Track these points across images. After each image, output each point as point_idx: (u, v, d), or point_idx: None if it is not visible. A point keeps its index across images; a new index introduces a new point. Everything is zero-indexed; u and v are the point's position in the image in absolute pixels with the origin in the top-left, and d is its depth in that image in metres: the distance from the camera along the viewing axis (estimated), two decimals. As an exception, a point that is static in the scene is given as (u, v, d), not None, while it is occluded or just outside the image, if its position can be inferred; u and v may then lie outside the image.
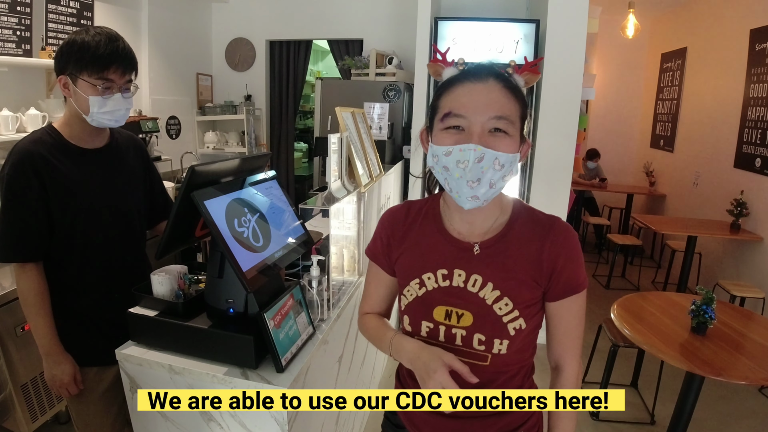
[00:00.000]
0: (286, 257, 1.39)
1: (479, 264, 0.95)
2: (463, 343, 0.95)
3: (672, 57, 5.29)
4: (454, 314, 0.95)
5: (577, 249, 0.95)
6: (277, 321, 1.29)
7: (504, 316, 0.93)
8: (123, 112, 1.39)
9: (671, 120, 5.23)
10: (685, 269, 3.80)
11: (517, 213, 0.98)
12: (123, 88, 1.38)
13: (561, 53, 3.06)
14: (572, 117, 3.17)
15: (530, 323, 0.95)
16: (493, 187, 0.88)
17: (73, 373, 1.45)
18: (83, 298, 1.47)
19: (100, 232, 1.45)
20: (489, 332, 0.93)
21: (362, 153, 2.15)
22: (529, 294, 0.94)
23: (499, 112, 0.85)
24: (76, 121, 1.39)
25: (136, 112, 3.77)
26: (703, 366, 1.68)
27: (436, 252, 0.98)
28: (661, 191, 5.35)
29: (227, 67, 4.76)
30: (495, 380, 0.98)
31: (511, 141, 0.87)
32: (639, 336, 1.90)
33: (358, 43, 4.36)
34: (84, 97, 1.32)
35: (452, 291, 0.95)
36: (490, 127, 0.86)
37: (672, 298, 2.33)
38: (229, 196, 1.25)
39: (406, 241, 1.03)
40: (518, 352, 0.97)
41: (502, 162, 0.86)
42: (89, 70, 1.30)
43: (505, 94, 0.87)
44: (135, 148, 1.59)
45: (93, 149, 1.45)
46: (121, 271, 1.52)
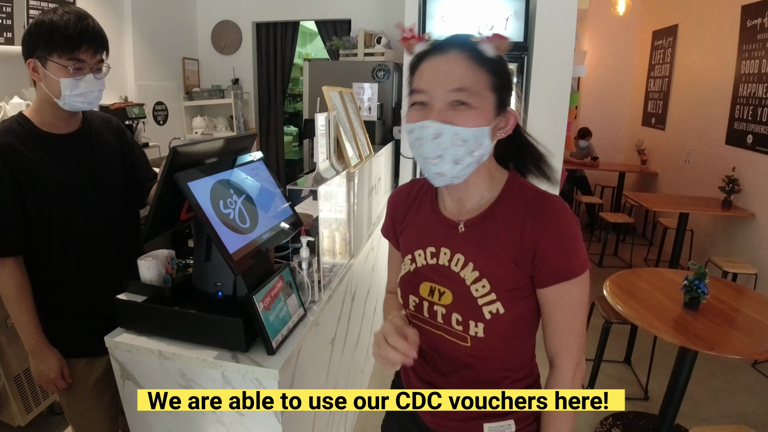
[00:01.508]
0: (275, 239, 1.36)
1: (463, 243, 0.92)
2: (443, 321, 0.93)
3: (663, 34, 5.25)
4: (436, 291, 0.94)
5: (566, 229, 0.85)
6: (267, 303, 1.27)
7: (479, 298, 0.88)
8: (96, 94, 1.34)
9: (663, 98, 5.21)
10: (676, 246, 3.82)
11: (508, 189, 0.92)
12: (95, 68, 1.32)
13: (551, 30, 3.02)
14: (563, 94, 3.14)
15: (512, 309, 0.88)
16: (459, 164, 0.83)
17: (59, 367, 1.42)
18: (67, 290, 1.44)
19: (80, 220, 1.40)
20: (465, 313, 0.90)
21: (351, 133, 2.11)
22: (509, 277, 0.88)
23: (458, 84, 0.81)
24: (47, 106, 1.33)
25: (122, 98, 3.69)
26: (696, 341, 1.68)
27: (428, 230, 0.98)
28: (653, 169, 5.36)
29: (213, 51, 4.67)
30: (481, 364, 0.95)
31: (475, 114, 0.82)
32: (632, 312, 1.90)
33: (346, 24, 4.29)
34: (55, 79, 1.26)
35: (438, 268, 0.94)
36: (450, 99, 0.81)
37: (664, 274, 2.33)
38: (213, 178, 1.22)
39: (406, 218, 1.04)
40: (501, 339, 0.90)
41: (464, 137, 0.81)
42: (59, 52, 1.24)
43: (467, 64, 0.82)
44: (111, 129, 1.52)
45: (65, 134, 1.39)
46: (105, 260, 1.47)
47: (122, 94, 3.71)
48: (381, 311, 2.14)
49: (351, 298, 2.04)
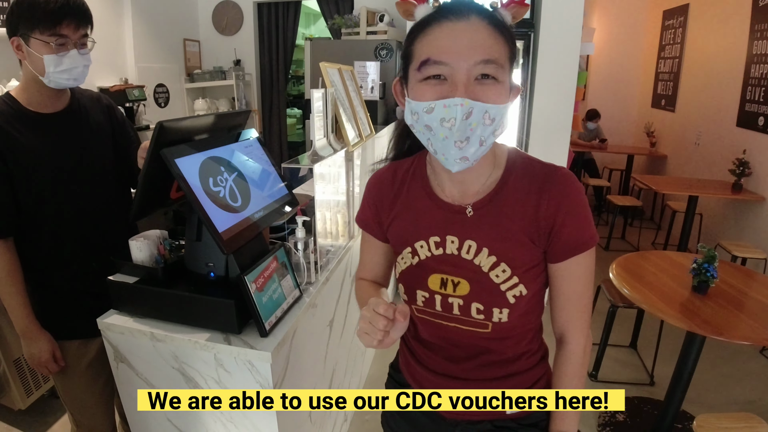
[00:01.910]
0: (268, 218, 1.32)
1: (472, 228, 0.85)
2: (461, 313, 0.87)
3: (674, 14, 5.10)
4: (449, 283, 0.87)
5: (579, 201, 0.82)
6: (260, 284, 1.23)
7: (502, 284, 0.83)
8: (81, 70, 1.31)
9: (673, 79, 5.08)
10: (685, 230, 3.75)
11: (512, 165, 0.86)
12: (79, 44, 1.29)
13: (559, 6, 2.92)
14: (571, 73, 3.04)
15: (532, 287, 0.84)
16: (483, 145, 0.76)
17: (51, 350, 1.41)
18: (59, 272, 1.42)
19: (70, 200, 1.38)
20: (487, 301, 0.85)
21: (351, 111, 2.06)
22: (528, 256, 0.83)
23: (486, 55, 0.71)
24: (33, 85, 1.31)
25: (122, 80, 3.65)
26: (703, 325, 1.63)
27: (427, 218, 0.89)
28: (662, 152, 5.25)
29: (215, 32, 4.60)
30: (499, 346, 0.91)
31: (502, 88, 0.74)
32: (638, 295, 1.85)
33: (348, 2, 4.19)
34: (38, 56, 1.24)
35: (446, 259, 0.87)
36: (477, 73, 0.72)
37: (672, 258, 2.28)
38: (203, 154, 1.17)
39: (396, 206, 0.94)
40: (522, 316, 0.87)
41: (492, 115, 0.73)
42: (41, 28, 1.22)
43: (491, 33, 0.73)
44: (100, 107, 1.49)
45: (53, 113, 1.36)
46: (97, 240, 1.45)
47: (122, 76, 3.66)
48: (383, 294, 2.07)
49: (351, 280, 2.01)
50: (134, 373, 1.35)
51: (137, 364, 1.33)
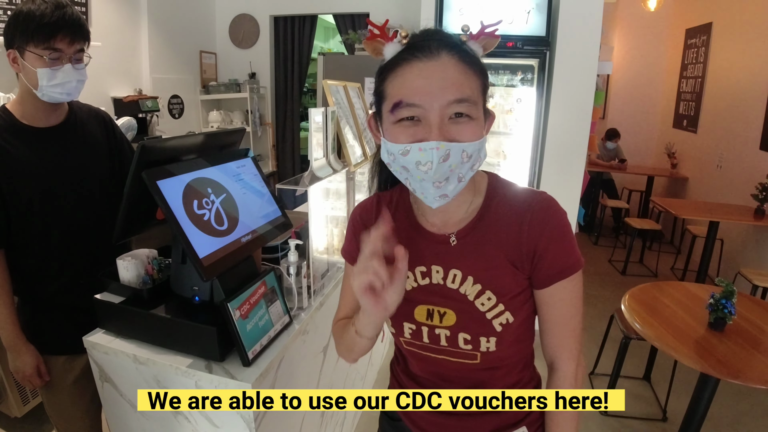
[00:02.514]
0: (258, 241, 1.28)
1: (457, 256, 0.84)
2: (448, 344, 0.85)
3: (697, 32, 4.98)
4: (436, 313, 0.85)
5: (561, 226, 0.80)
6: (245, 311, 1.18)
7: (488, 311, 0.82)
8: (75, 84, 1.30)
9: (695, 99, 4.94)
10: (705, 256, 3.60)
11: (492, 191, 0.85)
12: (74, 58, 1.28)
13: (576, 23, 2.86)
14: (587, 92, 2.97)
15: (519, 315, 0.82)
16: (462, 181, 0.75)
17: (35, 364, 1.39)
18: (47, 286, 1.40)
19: (60, 215, 1.36)
20: (474, 330, 0.83)
21: (356, 130, 2.02)
22: (513, 283, 0.82)
23: (459, 94, 0.71)
24: (28, 98, 1.31)
25: (136, 91, 3.68)
26: (718, 366, 1.53)
27: (412, 248, 0.84)
28: (683, 174, 5.10)
29: (231, 45, 4.64)
30: (491, 377, 0.89)
31: (476, 125, 0.73)
32: (650, 331, 1.75)
33: (364, 17, 4.18)
34: (32, 70, 1.24)
35: (432, 289, 0.85)
36: (451, 113, 0.71)
37: (689, 289, 2.16)
38: (188, 176, 1.14)
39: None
40: (511, 345, 0.85)
41: (470, 153, 0.72)
42: (35, 41, 1.22)
43: (462, 69, 0.72)
44: (98, 123, 1.48)
45: (48, 127, 1.36)
46: (86, 255, 1.43)
47: (137, 87, 3.70)
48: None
49: (349, 303, 1.95)
50: (118, 394, 1.32)
51: (121, 385, 1.30)
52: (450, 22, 2.98)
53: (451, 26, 2.99)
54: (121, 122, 3.18)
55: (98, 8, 3.25)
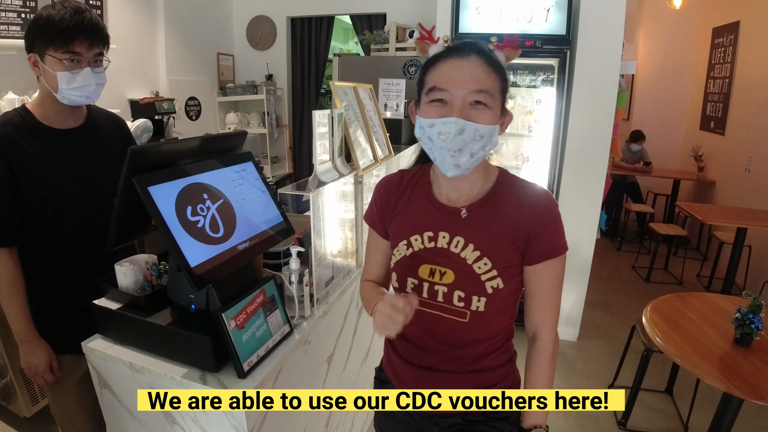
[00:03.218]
0: (256, 248, 1.24)
1: (464, 227, 0.99)
2: (444, 300, 1.00)
3: (724, 32, 4.79)
4: (437, 272, 1.00)
5: (555, 215, 0.98)
6: (241, 321, 1.15)
7: (482, 274, 0.97)
8: (93, 88, 1.33)
9: (722, 100, 4.75)
10: (732, 263, 3.44)
11: (502, 180, 1.03)
12: (92, 62, 1.32)
13: (597, 22, 2.76)
14: (609, 93, 2.86)
15: (508, 284, 0.98)
16: (474, 157, 0.93)
17: (48, 360, 1.41)
18: (55, 285, 1.43)
19: (72, 216, 1.39)
20: (468, 289, 0.98)
21: (366, 132, 1.97)
22: (508, 255, 0.97)
23: (479, 86, 0.90)
24: (48, 100, 1.34)
25: (153, 93, 3.71)
26: (743, 386, 1.43)
27: (425, 216, 1.04)
28: (711, 177, 4.91)
29: (248, 46, 4.65)
30: (476, 340, 1.03)
31: (491, 113, 0.91)
32: (672, 347, 1.65)
33: (381, 18, 4.14)
34: (52, 73, 1.27)
35: (437, 251, 1.00)
36: (471, 100, 0.90)
37: (715, 301, 2.05)
38: (183, 181, 1.10)
39: (398, 206, 1.09)
40: (497, 313, 1.00)
41: (482, 133, 0.91)
42: (55, 45, 1.25)
43: (485, 69, 0.91)
44: (114, 128, 1.53)
45: (67, 129, 1.39)
46: (95, 257, 1.44)
47: (154, 89, 3.72)
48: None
49: (358, 311, 1.90)
50: (116, 400, 1.31)
51: (119, 392, 1.29)
52: (467, 21, 2.91)
53: (468, 25, 2.92)
54: (136, 124, 3.20)
55: (115, 11, 3.29)
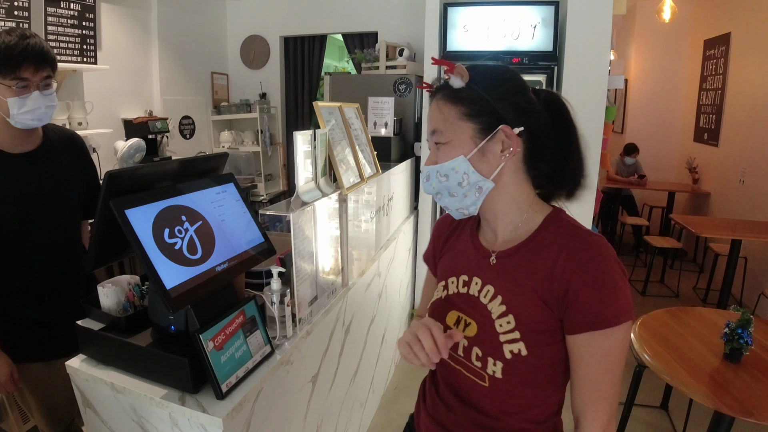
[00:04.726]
0: (236, 269, 1.24)
1: (494, 274, 0.87)
2: (464, 354, 0.87)
3: (715, 43, 4.84)
4: (462, 322, 0.89)
5: (603, 271, 0.76)
6: (219, 342, 1.14)
7: (502, 334, 0.82)
8: (44, 110, 1.37)
9: (716, 111, 4.78)
10: (728, 275, 3.43)
11: (548, 223, 0.86)
12: (41, 85, 1.35)
13: (584, 37, 2.79)
14: (598, 108, 2.89)
15: (535, 352, 0.80)
16: (454, 197, 0.86)
17: (9, 372, 1.44)
18: (15, 300, 1.47)
19: (28, 236, 1.44)
20: (485, 349, 0.84)
21: (351, 151, 1.98)
22: (538, 317, 0.80)
23: (431, 128, 0.87)
24: (1, 125, 1.36)
25: (146, 112, 3.74)
26: (732, 404, 1.41)
27: (464, 258, 0.95)
28: (705, 189, 4.92)
29: (242, 65, 4.69)
30: (502, 412, 0.86)
31: (449, 147, 0.84)
32: (660, 364, 1.64)
33: (372, 36, 4.19)
34: (2, 100, 1.31)
35: (467, 298, 0.90)
36: (433, 142, 0.87)
37: (706, 316, 2.04)
38: (161, 204, 1.11)
39: (446, 245, 1.03)
40: (524, 385, 0.82)
41: (443, 172, 0.85)
42: (2, 72, 1.29)
43: (439, 105, 0.86)
44: (71, 148, 1.56)
45: (21, 154, 1.42)
46: (52, 275, 1.51)
47: (147, 109, 3.75)
48: (390, 340, 2.26)
49: (344, 329, 1.89)
50: (100, 420, 1.30)
51: (102, 412, 1.28)
52: (455, 39, 2.95)
53: (456, 43, 2.96)
54: (129, 143, 3.22)
55: (108, 31, 3.33)
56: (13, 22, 2.58)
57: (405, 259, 3.08)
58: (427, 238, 3.30)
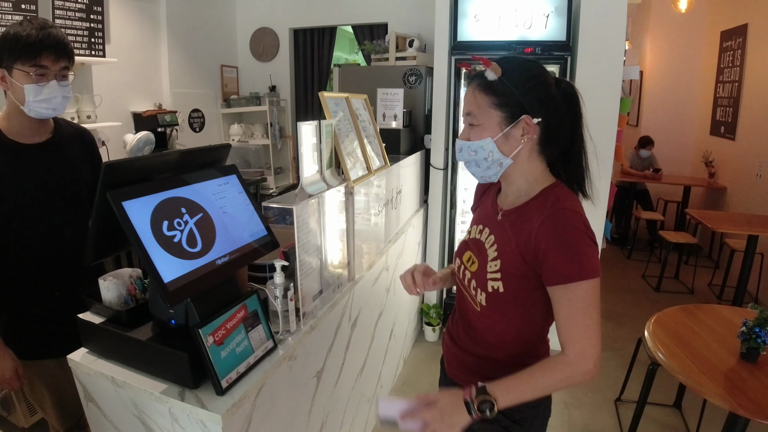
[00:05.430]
0: (237, 263, 1.22)
1: (497, 227, 1.09)
2: (467, 284, 1.14)
3: (732, 35, 4.70)
4: (472, 259, 1.14)
5: (567, 236, 0.95)
6: (219, 337, 1.12)
7: (489, 272, 1.06)
8: (60, 100, 1.37)
9: (732, 104, 4.65)
10: (744, 272, 3.34)
11: (543, 193, 1.04)
12: (59, 75, 1.35)
13: (598, 27, 2.71)
14: (612, 99, 2.81)
15: (510, 291, 1.03)
16: (480, 167, 1.06)
17: (14, 368, 1.43)
18: (23, 295, 1.46)
19: (36, 230, 1.43)
20: (479, 282, 1.09)
21: (359, 143, 1.95)
22: (516, 266, 1.02)
23: (466, 110, 1.05)
24: (15, 114, 1.38)
25: (156, 105, 3.74)
26: (748, 405, 1.36)
27: (485, 212, 1.17)
28: (721, 183, 4.80)
29: (252, 58, 4.67)
30: (482, 326, 1.13)
31: (480, 129, 1.03)
32: (675, 363, 1.59)
33: (382, 28, 4.13)
34: (20, 86, 1.31)
35: (479, 243, 1.13)
36: (467, 122, 1.05)
37: (722, 314, 1.98)
38: (159, 195, 1.09)
39: (479, 201, 1.26)
40: (500, 315, 1.07)
41: (474, 148, 1.04)
42: (22, 59, 1.30)
43: (475, 92, 1.03)
44: (81, 142, 1.56)
45: (32, 145, 1.42)
46: (61, 269, 1.49)
47: (157, 102, 3.75)
48: (399, 335, 2.54)
49: (351, 324, 1.86)
50: (101, 414, 1.30)
51: (104, 406, 1.28)
52: (465, 29, 2.89)
53: (467, 33, 2.90)
54: (138, 137, 3.22)
55: (116, 24, 3.32)
56: (20, 15, 2.58)
57: (414, 252, 3.04)
58: (438, 231, 3.28)
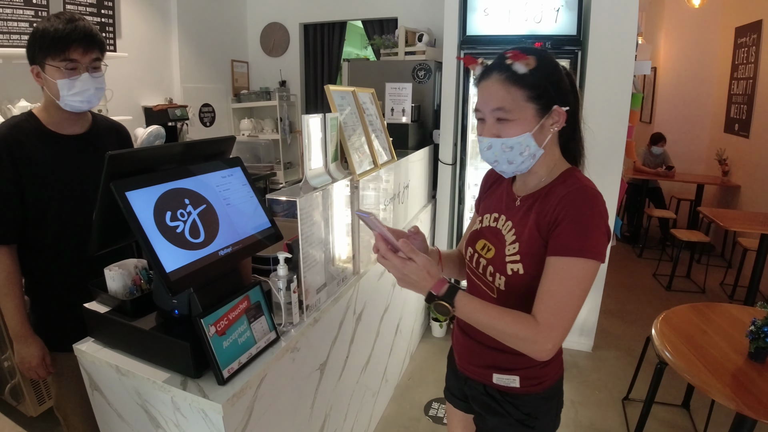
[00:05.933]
0: (240, 254, 1.23)
1: (516, 213, 1.09)
2: (482, 272, 1.13)
3: (746, 31, 4.61)
4: (486, 247, 1.13)
5: (583, 213, 0.96)
6: (222, 327, 1.13)
7: (508, 256, 1.06)
8: (93, 92, 1.39)
9: (747, 102, 4.56)
10: (756, 271, 3.29)
11: (562, 177, 1.06)
12: (90, 67, 1.37)
13: (609, 21, 2.68)
14: (623, 95, 2.77)
15: (530, 272, 1.02)
16: (513, 163, 1.03)
17: (41, 356, 1.44)
18: (57, 284, 1.47)
19: (73, 219, 1.44)
20: (496, 267, 1.09)
21: (365, 137, 1.94)
22: (534, 240, 1.02)
23: (497, 104, 1.00)
24: (52, 107, 1.40)
25: (167, 100, 3.76)
26: (756, 406, 1.34)
27: (499, 201, 1.17)
28: (735, 182, 4.72)
29: (262, 53, 4.68)
30: None
31: (516, 125, 1.00)
32: (682, 362, 1.57)
33: (392, 22, 4.12)
34: (53, 82, 1.33)
35: (494, 230, 1.13)
36: (495, 117, 1.01)
37: (732, 313, 1.95)
38: (163, 186, 1.10)
39: (488, 191, 1.26)
40: (518, 298, 1.04)
41: (509, 144, 1.01)
42: (52, 54, 1.32)
43: (503, 86, 0.99)
44: (117, 137, 1.60)
45: (71, 135, 1.45)
46: (97, 258, 1.44)
47: (168, 96, 3.78)
48: (405, 330, 2.48)
49: (356, 318, 1.87)
50: (106, 403, 1.31)
51: (108, 395, 1.30)
52: (474, 23, 2.87)
53: (476, 27, 2.88)
54: (149, 131, 3.25)
55: (127, 19, 3.35)
56: (31, 10, 2.61)
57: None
58: (446, 227, 3.27)
